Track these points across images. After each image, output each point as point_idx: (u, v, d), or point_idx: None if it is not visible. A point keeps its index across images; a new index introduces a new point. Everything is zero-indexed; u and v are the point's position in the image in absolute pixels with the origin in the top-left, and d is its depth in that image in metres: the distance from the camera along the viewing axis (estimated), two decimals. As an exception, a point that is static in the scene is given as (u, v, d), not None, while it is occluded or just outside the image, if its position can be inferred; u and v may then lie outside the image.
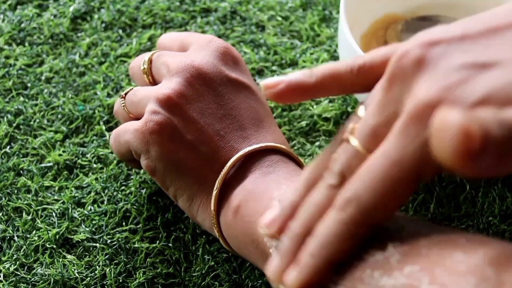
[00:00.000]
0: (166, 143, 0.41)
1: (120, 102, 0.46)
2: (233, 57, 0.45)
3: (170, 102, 0.42)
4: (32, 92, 0.54)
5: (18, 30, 0.57)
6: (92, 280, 0.45)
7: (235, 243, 0.41)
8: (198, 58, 0.43)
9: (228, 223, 0.40)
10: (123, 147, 0.44)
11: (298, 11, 0.58)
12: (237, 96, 0.43)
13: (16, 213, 0.48)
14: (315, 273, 0.30)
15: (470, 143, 0.23)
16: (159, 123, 0.41)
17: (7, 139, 0.51)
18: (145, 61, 0.45)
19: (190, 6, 0.59)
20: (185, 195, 0.42)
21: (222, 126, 0.42)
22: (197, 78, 0.42)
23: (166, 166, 0.42)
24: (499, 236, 0.46)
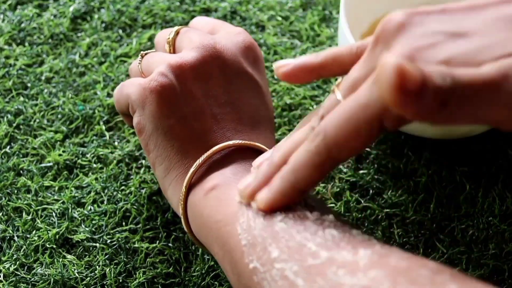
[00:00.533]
0: (162, 105, 0.41)
1: (138, 60, 0.46)
2: (256, 54, 0.45)
3: (179, 70, 0.42)
4: (32, 92, 0.54)
5: (18, 30, 0.57)
6: (92, 280, 0.45)
7: (197, 224, 0.40)
8: (222, 42, 0.44)
9: (196, 202, 0.40)
10: (123, 98, 0.44)
11: (298, 11, 0.58)
12: (246, 90, 0.44)
13: (16, 213, 0.48)
14: (283, 195, 0.34)
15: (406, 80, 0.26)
16: (162, 84, 0.42)
17: (7, 139, 0.51)
18: (173, 32, 0.46)
19: (190, 6, 0.59)
20: (163, 164, 0.42)
21: (221, 112, 0.42)
22: (214, 59, 0.43)
23: (155, 128, 0.42)
24: (499, 236, 0.46)
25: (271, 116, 0.45)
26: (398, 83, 0.26)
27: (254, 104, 0.44)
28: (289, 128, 0.51)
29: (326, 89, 0.54)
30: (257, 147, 0.42)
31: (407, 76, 0.27)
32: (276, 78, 0.54)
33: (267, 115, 0.44)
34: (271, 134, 0.44)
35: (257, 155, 0.41)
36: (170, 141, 0.42)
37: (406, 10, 0.33)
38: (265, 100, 0.45)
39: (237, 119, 0.43)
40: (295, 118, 0.52)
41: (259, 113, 0.44)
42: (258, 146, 0.42)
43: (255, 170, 0.37)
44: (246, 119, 0.43)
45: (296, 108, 0.53)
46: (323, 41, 0.56)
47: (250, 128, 0.43)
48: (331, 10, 0.58)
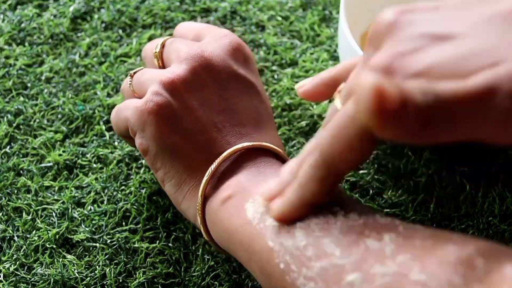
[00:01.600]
0: (162, 125, 0.41)
1: (128, 80, 0.46)
2: (245, 54, 0.45)
3: (172, 86, 0.42)
4: (32, 92, 0.54)
5: (18, 30, 0.57)
6: (92, 280, 0.45)
7: (217, 231, 0.40)
8: (209, 49, 0.43)
9: (214, 211, 0.40)
10: (122, 122, 0.44)
11: (298, 11, 0.58)
12: (241, 93, 0.43)
13: (16, 213, 0.48)
14: (292, 208, 0.34)
15: (384, 102, 0.25)
16: (158, 104, 0.41)
17: (7, 139, 0.51)
18: (158, 45, 0.46)
19: (190, 6, 0.59)
20: (173, 180, 0.42)
21: (221, 119, 0.42)
22: (204, 68, 0.43)
23: (159, 148, 0.42)
24: (499, 236, 0.46)
25: (270, 113, 0.45)
26: (377, 105, 0.25)
27: (252, 105, 0.44)
28: (289, 128, 0.51)
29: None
30: (263, 147, 0.42)
31: (386, 97, 0.25)
32: (276, 78, 0.54)
33: (266, 112, 0.44)
34: (274, 131, 0.44)
35: (265, 153, 0.41)
36: (176, 158, 0.42)
37: (399, 7, 0.32)
38: (262, 99, 0.44)
39: (238, 123, 0.42)
40: (295, 118, 0.52)
41: (258, 112, 0.44)
42: (264, 145, 0.42)
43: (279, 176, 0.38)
44: (247, 121, 0.43)
45: (296, 108, 0.53)
46: (323, 41, 0.56)
47: (254, 129, 0.43)
48: (331, 10, 0.58)
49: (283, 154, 0.42)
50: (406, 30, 0.30)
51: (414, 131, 0.26)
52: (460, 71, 0.28)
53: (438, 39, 0.29)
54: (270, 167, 0.41)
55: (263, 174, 0.40)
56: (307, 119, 0.52)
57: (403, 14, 0.31)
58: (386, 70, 0.29)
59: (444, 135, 0.27)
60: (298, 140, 0.51)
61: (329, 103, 0.53)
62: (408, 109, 0.26)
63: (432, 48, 0.29)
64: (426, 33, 0.30)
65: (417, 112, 0.26)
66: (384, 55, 0.30)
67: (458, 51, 0.28)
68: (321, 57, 0.55)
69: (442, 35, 0.29)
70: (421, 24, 0.30)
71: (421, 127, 0.26)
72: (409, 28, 0.30)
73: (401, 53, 0.30)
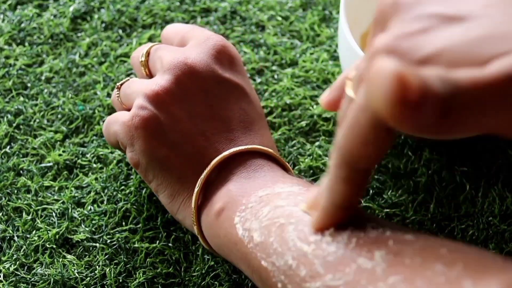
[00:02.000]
0: (150, 139, 0.41)
1: (115, 92, 0.46)
2: (230, 56, 0.44)
3: (157, 99, 0.42)
4: (32, 92, 0.54)
5: (18, 30, 0.57)
6: (92, 280, 0.45)
7: (216, 243, 0.40)
8: (192, 56, 0.43)
9: (210, 223, 0.40)
10: (112, 137, 0.44)
11: (298, 11, 0.58)
12: (228, 97, 0.43)
13: (16, 213, 0.48)
14: (327, 215, 0.32)
15: (405, 91, 0.23)
16: (144, 118, 0.41)
17: (7, 139, 0.51)
18: (143, 54, 0.46)
19: (190, 6, 0.59)
20: (166, 191, 0.42)
21: (209, 127, 0.42)
22: (188, 76, 0.42)
23: (149, 161, 0.42)
24: (499, 236, 0.46)
25: (261, 113, 0.44)
26: (396, 94, 0.23)
27: (241, 108, 0.43)
28: (289, 128, 0.51)
29: (326, 89, 0.54)
30: (253, 149, 0.41)
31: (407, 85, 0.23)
32: (276, 78, 0.54)
33: (256, 113, 0.44)
34: (265, 131, 0.44)
35: (256, 156, 0.41)
36: (167, 170, 0.42)
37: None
38: (250, 100, 0.44)
39: (226, 129, 0.42)
40: (295, 118, 0.52)
41: (248, 115, 0.43)
42: (254, 148, 0.41)
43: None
44: (236, 125, 0.42)
45: (296, 108, 0.53)
46: (323, 41, 0.56)
47: (242, 133, 0.42)
48: (331, 10, 0.58)
49: (274, 154, 0.42)
50: (413, 10, 0.28)
51: (432, 123, 0.24)
52: (474, 56, 0.25)
53: (448, 20, 0.27)
54: (260, 170, 0.41)
55: (252, 179, 0.40)
56: (307, 119, 0.52)
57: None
58: (392, 52, 0.27)
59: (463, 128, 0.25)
60: (298, 140, 0.51)
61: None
62: (428, 99, 0.23)
63: (442, 29, 0.27)
64: (435, 13, 0.28)
65: (436, 103, 0.23)
66: (390, 36, 0.28)
67: (471, 34, 0.26)
68: (321, 57, 0.55)
69: (452, 15, 0.27)
70: (429, 3, 0.28)
71: (440, 119, 0.24)
72: (416, 7, 0.28)
73: (408, 34, 0.27)
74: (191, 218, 0.42)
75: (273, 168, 0.41)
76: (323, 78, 0.54)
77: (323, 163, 0.49)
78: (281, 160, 0.42)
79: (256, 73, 0.55)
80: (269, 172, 0.40)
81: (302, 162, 0.50)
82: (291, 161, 0.50)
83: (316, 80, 0.54)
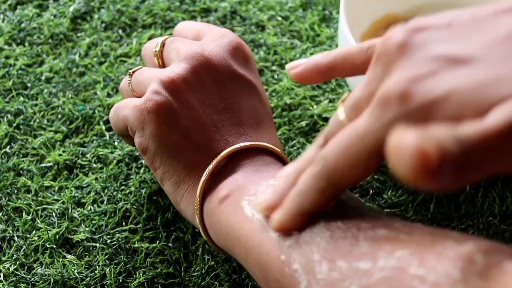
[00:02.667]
0: (161, 124, 0.41)
1: (126, 79, 0.46)
2: (244, 54, 0.45)
3: (172, 85, 0.42)
4: (32, 92, 0.54)
5: (18, 30, 0.57)
6: (92, 280, 0.45)
7: (216, 230, 0.40)
8: (209, 48, 0.43)
9: (212, 210, 0.40)
10: (121, 121, 0.44)
11: (298, 11, 0.58)
12: (241, 92, 0.43)
13: (16, 213, 0.48)
14: (291, 218, 0.34)
15: (427, 163, 0.24)
16: (158, 103, 0.41)
17: (7, 139, 0.51)
18: (158, 44, 0.46)
19: (190, 6, 0.59)
20: (172, 179, 0.42)
21: (220, 119, 0.42)
22: (204, 67, 0.43)
23: (158, 147, 0.42)
24: (499, 236, 0.46)
25: (270, 112, 0.45)
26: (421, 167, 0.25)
27: (252, 105, 0.44)
28: (289, 128, 0.51)
29: (326, 89, 0.54)
30: (262, 146, 0.42)
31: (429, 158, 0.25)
32: (276, 78, 0.54)
33: (266, 112, 0.44)
34: (273, 130, 0.44)
35: (263, 153, 0.41)
36: (175, 157, 0.42)
37: (408, 25, 0.31)
38: (261, 98, 0.44)
39: (237, 123, 0.42)
40: (295, 118, 0.52)
41: (258, 112, 0.44)
42: (262, 145, 0.42)
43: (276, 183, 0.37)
44: (246, 121, 0.43)
45: (296, 108, 0.53)
46: (323, 41, 0.56)
47: (252, 129, 0.43)
48: (331, 10, 0.58)
49: (281, 154, 0.42)
50: (419, 52, 0.30)
51: (451, 180, 0.25)
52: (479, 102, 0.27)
53: (454, 63, 0.28)
54: (267, 166, 0.41)
55: (260, 172, 0.40)
56: (307, 119, 0.52)
57: (414, 33, 0.30)
58: (402, 96, 0.29)
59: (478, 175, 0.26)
60: (298, 140, 0.51)
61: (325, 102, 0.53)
62: (447, 163, 0.25)
63: (448, 72, 0.28)
64: (440, 55, 0.29)
65: (454, 164, 0.25)
66: (399, 80, 0.29)
67: (476, 78, 0.27)
68: (321, 57, 0.55)
69: (458, 58, 0.29)
70: (435, 45, 0.30)
71: (457, 175, 0.25)
72: (422, 50, 0.30)
73: (416, 78, 0.29)
74: (194, 207, 0.42)
75: (279, 166, 0.41)
76: (323, 78, 0.54)
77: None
78: (286, 159, 0.42)
79: (256, 73, 0.55)
80: (275, 169, 0.41)
81: (302, 162, 0.50)
82: (291, 161, 0.50)
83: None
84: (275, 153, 0.42)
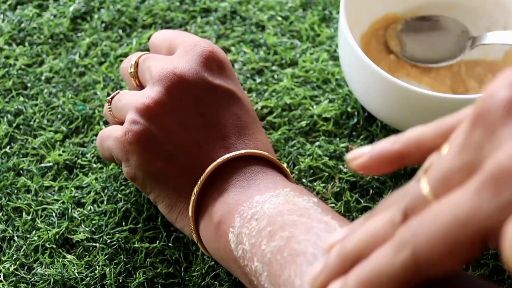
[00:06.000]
0: (144, 153, 0.41)
1: (107, 106, 0.46)
2: (218, 62, 0.44)
3: (149, 112, 0.41)
4: (32, 92, 0.54)
5: (18, 30, 0.57)
6: (92, 280, 0.45)
7: (216, 255, 0.41)
8: (180, 65, 0.43)
9: (210, 236, 0.40)
10: (106, 152, 0.44)
11: (298, 11, 0.58)
12: (220, 103, 0.43)
13: (16, 213, 0.48)
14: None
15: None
16: (137, 133, 0.41)
17: (7, 139, 0.51)
18: (132, 65, 0.45)
19: (190, 6, 0.59)
20: (164, 202, 0.43)
21: (203, 136, 0.42)
22: (178, 86, 0.42)
23: (145, 175, 0.42)
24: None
25: (254, 116, 0.44)
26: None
27: (233, 113, 0.43)
28: (289, 128, 0.51)
29: (326, 89, 0.53)
30: (247, 154, 0.41)
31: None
32: (276, 78, 0.54)
33: (249, 117, 0.44)
34: (260, 134, 0.44)
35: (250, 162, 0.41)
36: (163, 182, 0.42)
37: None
38: (242, 104, 0.44)
39: (221, 136, 0.42)
40: (295, 118, 0.52)
41: (241, 120, 0.43)
42: (247, 153, 0.41)
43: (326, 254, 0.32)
44: (230, 131, 0.42)
45: (296, 108, 0.53)
46: (323, 41, 0.56)
47: (237, 137, 0.42)
48: (331, 10, 0.58)
49: (269, 157, 0.42)
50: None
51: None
52: None
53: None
54: (254, 176, 0.41)
55: (247, 187, 0.40)
56: (307, 119, 0.52)
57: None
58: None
59: None
60: (298, 140, 0.51)
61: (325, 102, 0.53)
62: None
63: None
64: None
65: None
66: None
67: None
68: (321, 57, 0.55)
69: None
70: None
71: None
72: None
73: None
74: (189, 227, 0.42)
75: (267, 173, 0.41)
76: (323, 78, 0.54)
77: (323, 163, 0.49)
78: (276, 162, 0.42)
79: (256, 73, 0.55)
80: (264, 179, 0.40)
81: (302, 162, 0.50)
82: (291, 161, 0.50)
83: (316, 80, 0.54)
84: (264, 158, 0.42)
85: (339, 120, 0.52)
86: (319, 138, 0.51)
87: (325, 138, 0.51)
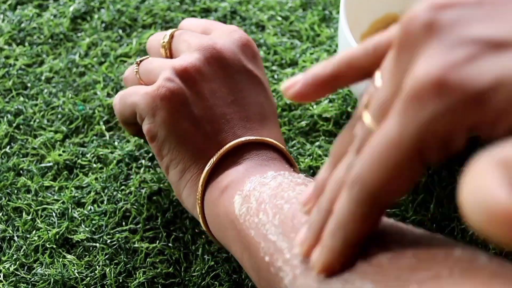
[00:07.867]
0: (173, 111, 0.41)
1: (133, 68, 0.46)
2: (253, 51, 0.45)
3: (185, 74, 0.42)
4: (32, 92, 0.54)
5: (18, 30, 0.57)
6: (92, 280, 0.45)
7: (215, 223, 0.40)
8: (220, 42, 0.44)
9: (213, 200, 0.40)
10: (128, 108, 0.44)
11: (298, 11, 0.58)
12: (250, 87, 0.44)
13: (16, 213, 0.48)
14: (336, 255, 0.29)
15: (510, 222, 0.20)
16: (171, 90, 0.41)
17: (7, 139, 0.51)
18: (167, 36, 0.46)
19: (190, 6, 0.59)
20: (178, 167, 0.42)
21: (229, 111, 0.42)
22: (216, 59, 0.43)
23: (168, 134, 0.42)
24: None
25: (275, 111, 0.45)
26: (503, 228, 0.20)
27: (259, 101, 0.44)
28: (289, 128, 0.51)
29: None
30: (267, 142, 0.42)
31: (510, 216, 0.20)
32: (276, 78, 0.54)
33: (272, 110, 0.45)
34: (277, 128, 0.45)
35: (267, 148, 0.42)
36: (184, 145, 0.42)
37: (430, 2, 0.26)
38: (268, 96, 0.45)
39: (245, 117, 0.43)
40: (295, 118, 0.52)
41: (264, 109, 0.44)
42: (268, 141, 0.42)
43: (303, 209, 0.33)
44: (254, 116, 0.43)
45: (296, 108, 0.53)
46: (323, 41, 0.56)
47: (259, 124, 0.43)
48: (331, 10, 0.58)
49: (286, 152, 0.43)
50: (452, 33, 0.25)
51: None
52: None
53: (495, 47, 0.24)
54: (272, 160, 0.41)
55: (263, 166, 0.41)
56: (307, 119, 0.52)
57: (441, 10, 0.25)
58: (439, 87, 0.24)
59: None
60: (298, 140, 0.51)
61: (325, 102, 0.53)
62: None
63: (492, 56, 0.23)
64: (478, 38, 0.24)
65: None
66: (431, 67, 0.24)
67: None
68: (321, 57, 0.55)
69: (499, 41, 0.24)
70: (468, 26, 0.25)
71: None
72: (454, 30, 0.25)
73: (455, 63, 0.24)
74: (195, 196, 0.42)
75: (282, 162, 0.42)
76: (323, 78, 0.54)
77: (323, 163, 0.49)
78: (291, 158, 0.43)
79: (256, 73, 0.55)
80: (278, 164, 0.41)
81: (302, 162, 0.50)
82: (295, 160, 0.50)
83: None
84: (280, 150, 0.42)
85: (339, 120, 0.52)
86: (319, 138, 0.51)
87: (325, 138, 0.51)
